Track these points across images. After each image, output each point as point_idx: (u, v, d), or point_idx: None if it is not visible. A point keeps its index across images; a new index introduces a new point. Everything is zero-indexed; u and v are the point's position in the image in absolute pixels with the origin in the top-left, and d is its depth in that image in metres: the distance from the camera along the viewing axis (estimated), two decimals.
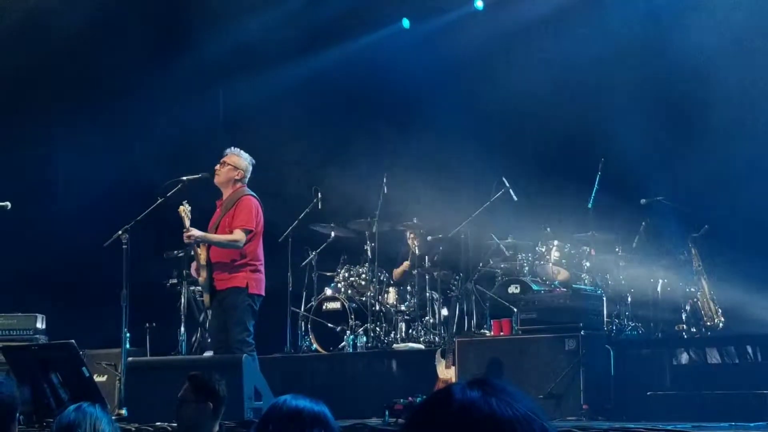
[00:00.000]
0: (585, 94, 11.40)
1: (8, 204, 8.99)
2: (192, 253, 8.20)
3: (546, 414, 1.86)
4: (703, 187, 10.38)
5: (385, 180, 10.71)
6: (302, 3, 12.43)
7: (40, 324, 9.72)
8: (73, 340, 7.43)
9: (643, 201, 10.00)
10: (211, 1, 12.25)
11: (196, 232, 7.88)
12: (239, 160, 8.19)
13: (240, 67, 12.49)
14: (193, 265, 8.16)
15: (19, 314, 9.73)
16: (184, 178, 8.27)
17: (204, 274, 7.95)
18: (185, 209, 7.94)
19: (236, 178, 8.14)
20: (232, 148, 8.29)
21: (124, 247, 7.99)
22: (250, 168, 8.25)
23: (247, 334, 7.89)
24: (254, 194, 8.18)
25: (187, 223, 7.89)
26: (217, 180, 8.19)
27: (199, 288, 10.09)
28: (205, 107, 12.79)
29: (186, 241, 7.90)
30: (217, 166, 8.20)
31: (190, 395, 5.45)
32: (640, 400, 8.14)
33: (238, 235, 7.92)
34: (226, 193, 8.17)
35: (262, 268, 8.16)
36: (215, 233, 8.08)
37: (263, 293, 8.19)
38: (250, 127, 11.91)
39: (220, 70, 12.67)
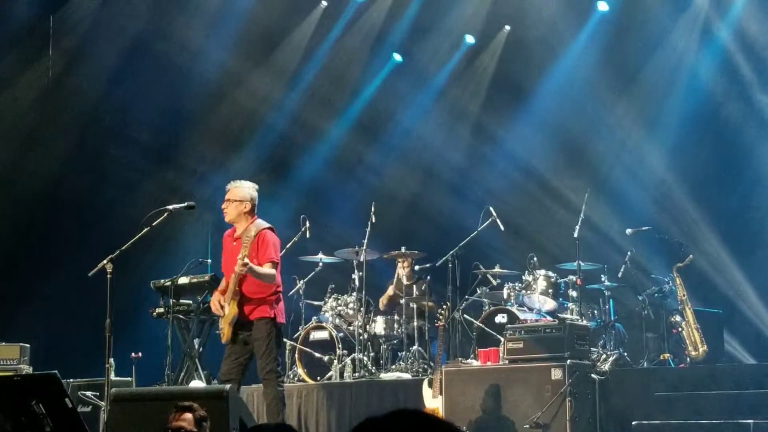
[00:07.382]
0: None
1: None
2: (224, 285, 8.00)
3: None
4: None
5: (373, 209, 10.66)
6: None
7: (24, 354, 9.66)
8: (56, 371, 7.36)
9: (628, 231, 10.06)
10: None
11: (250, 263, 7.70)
12: (242, 192, 8.01)
13: None
14: (217, 296, 7.93)
15: (3, 344, 9.65)
16: (170, 207, 8.19)
17: (232, 307, 7.84)
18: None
19: (245, 210, 7.96)
20: (232, 182, 8.13)
21: (108, 276, 7.90)
22: (256, 195, 8.09)
23: (277, 363, 7.82)
24: (269, 225, 8.05)
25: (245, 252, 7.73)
26: (227, 219, 8.01)
27: (185, 318, 10.11)
28: None
29: (240, 270, 7.68)
30: (224, 205, 8.05)
31: (191, 426, 5.43)
32: (625, 430, 8.13)
33: (272, 270, 7.82)
34: (241, 226, 7.97)
35: (282, 297, 8.10)
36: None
37: (285, 321, 8.24)
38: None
39: None
